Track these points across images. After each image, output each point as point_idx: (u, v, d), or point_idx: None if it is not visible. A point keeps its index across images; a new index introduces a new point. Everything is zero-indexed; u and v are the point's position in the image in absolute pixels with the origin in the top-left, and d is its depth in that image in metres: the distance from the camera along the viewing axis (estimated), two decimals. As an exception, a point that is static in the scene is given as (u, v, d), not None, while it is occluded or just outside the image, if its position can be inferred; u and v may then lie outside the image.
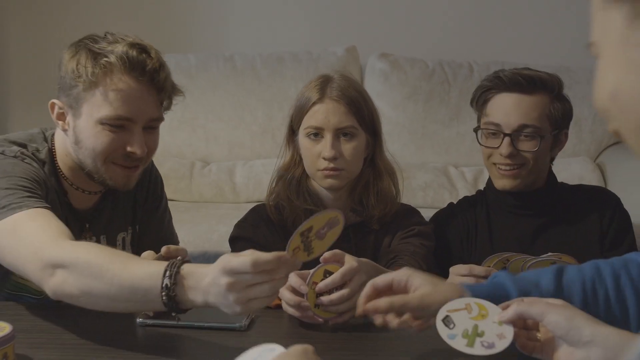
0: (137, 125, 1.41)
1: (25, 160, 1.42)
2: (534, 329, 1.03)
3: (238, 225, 1.67)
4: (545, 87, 1.65)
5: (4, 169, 1.36)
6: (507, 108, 1.66)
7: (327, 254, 1.31)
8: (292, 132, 1.66)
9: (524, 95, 1.64)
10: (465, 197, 1.87)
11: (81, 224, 1.53)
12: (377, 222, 1.65)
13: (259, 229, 1.63)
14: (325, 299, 1.28)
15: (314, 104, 1.58)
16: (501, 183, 1.70)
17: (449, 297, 1.08)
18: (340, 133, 1.58)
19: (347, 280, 1.29)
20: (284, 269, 1.16)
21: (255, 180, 2.70)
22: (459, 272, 1.50)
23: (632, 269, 1.13)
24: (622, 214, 1.74)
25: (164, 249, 1.33)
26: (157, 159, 2.69)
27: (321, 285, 1.28)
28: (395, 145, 2.68)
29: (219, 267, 1.12)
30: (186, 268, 1.15)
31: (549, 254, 1.49)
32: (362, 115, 1.60)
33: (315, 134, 1.59)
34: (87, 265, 1.17)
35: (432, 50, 3.07)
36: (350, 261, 1.32)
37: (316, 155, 1.59)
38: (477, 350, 1.02)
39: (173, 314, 1.19)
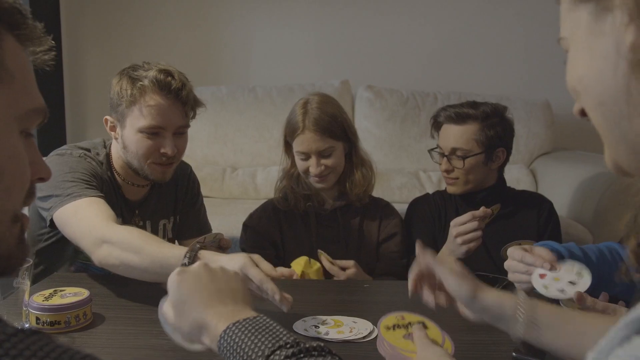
0: (167, 131, 1.40)
1: (87, 160, 1.42)
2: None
3: (249, 216, 1.70)
4: (471, 119, 1.65)
5: (71, 166, 1.37)
6: (444, 136, 1.70)
7: None
8: (288, 144, 1.66)
9: (455, 126, 1.67)
10: (438, 191, 1.86)
11: (132, 211, 1.53)
12: (357, 201, 1.65)
13: (261, 219, 1.67)
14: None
15: (299, 134, 1.57)
16: (448, 189, 1.75)
17: None
18: (321, 154, 1.58)
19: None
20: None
21: (272, 181, 2.64)
22: (462, 222, 1.45)
23: (611, 247, 1.22)
24: (555, 218, 1.72)
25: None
26: (198, 166, 2.73)
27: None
28: (378, 155, 2.68)
29: (238, 266, 1.05)
30: (203, 253, 1.14)
31: (520, 240, 1.40)
32: (336, 133, 1.59)
33: (303, 157, 1.59)
34: (129, 243, 1.16)
35: (406, 83, 3.06)
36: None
37: (306, 169, 1.60)
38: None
39: None
